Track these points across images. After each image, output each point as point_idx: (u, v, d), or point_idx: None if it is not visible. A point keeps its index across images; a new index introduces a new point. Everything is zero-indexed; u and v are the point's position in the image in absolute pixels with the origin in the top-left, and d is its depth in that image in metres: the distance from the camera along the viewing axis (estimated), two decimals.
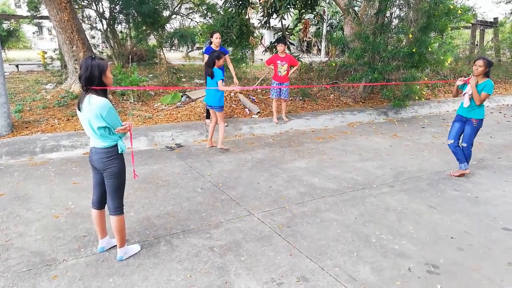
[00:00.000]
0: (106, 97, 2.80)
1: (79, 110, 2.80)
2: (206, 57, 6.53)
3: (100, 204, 3.11)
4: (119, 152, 2.92)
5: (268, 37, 23.80)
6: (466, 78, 4.94)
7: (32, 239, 3.38)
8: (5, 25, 15.66)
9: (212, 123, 6.27)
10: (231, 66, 7.31)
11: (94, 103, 2.72)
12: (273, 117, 7.76)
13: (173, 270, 2.99)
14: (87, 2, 13.28)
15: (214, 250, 3.28)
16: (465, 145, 5.03)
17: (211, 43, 6.98)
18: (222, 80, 5.78)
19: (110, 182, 2.95)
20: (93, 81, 2.73)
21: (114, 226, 3.03)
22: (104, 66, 2.77)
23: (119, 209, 3.02)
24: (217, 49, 6.83)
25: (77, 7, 12.48)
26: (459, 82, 4.99)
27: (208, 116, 7.23)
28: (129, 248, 3.18)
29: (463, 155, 5.04)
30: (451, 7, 8.21)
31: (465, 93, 4.94)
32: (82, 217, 3.80)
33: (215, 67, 5.81)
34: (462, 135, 5.08)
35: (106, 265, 3.03)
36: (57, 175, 4.93)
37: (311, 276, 2.95)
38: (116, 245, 3.14)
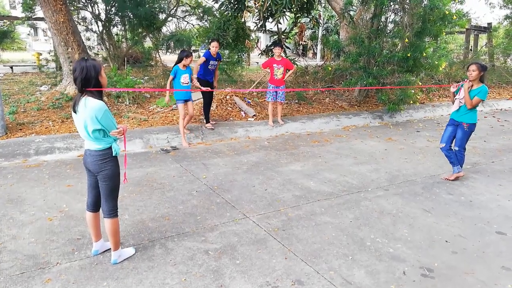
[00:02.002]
0: (102, 99, 2.79)
1: (75, 112, 2.79)
2: (203, 59, 6.97)
3: (94, 206, 3.09)
4: (114, 154, 2.91)
5: (264, 41, 23.86)
6: (458, 83, 5.02)
7: (25, 242, 3.35)
8: None
9: (187, 118, 6.66)
10: (217, 72, 7.45)
11: (90, 106, 2.71)
12: (269, 120, 7.77)
13: (168, 274, 2.97)
14: (82, 3, 13.26)
15: (209, 253, 3.27)
16: (457, 149, 5.07)
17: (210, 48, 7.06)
18: (188, 75, 6.42)
19: (104, 184, 2.94)
20: (90, 82, 2.72)
21: (108, 229, 3.01)
22: (99, 67, 2.77)
23: (113, 212, 3.01)
24: (214, 56, 7.06)
25: (72, 8, 12.45)
26: (452, 89, 5.05)
27: (208, 120, 7.33)
28: (124, 251, 3.16)
29: (456, 158, 5.08)
30: (446, 12, 8.29)
31: (456, 98, 4.99)
32: (76, 220, 3.78)
33: (182, 65, 6.31)
34: (454, 139, 5.13)
35: (100, 269, 3.01)
36: (51, 178, 4.90)
37: (306, 280, 2.94)
38: (110, 248, 3.12)
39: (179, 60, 6.33)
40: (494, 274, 3.09)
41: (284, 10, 8.79)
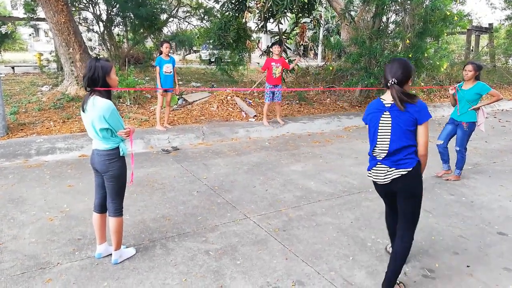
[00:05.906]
0: (110, 99, 2.82)
1: (83, 111, 2.82)
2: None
3: (101, 207, 3.09)
4: (121, 154, 2.92)
5: (265, 41, 23.87)
6: (455, 85, 5.15)
7: (26, 242, 3.36)
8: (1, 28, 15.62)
9: (163, 105, 7.17)
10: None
11: (98, 105, 2.74)
12: (263, 120, 7.75)
13: (169, 274, 2.97)
14: (84, 4, 13.28)
15: (209, 254, 3.27)
16: (458, 148, 5.08)
17: (161, 53, 7.05)
18: (171, 64, 7.00)
19: (111, 184, 2.95)
20: (97, 82, 2.76)
21: (112, 227, 3.01)
22: (108, 68, 2.80)
23: (118, 211, 3.02)
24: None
25: (74, 9, 12.46)
26: (451, 91, 5.11)
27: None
28: (124, 251, 3.16)
29: (449, 156, 5.18)
30: (448, 13, 8.28)
31: (480, 124, 5.06)
32: (77, 220, 3.77)
33: (165, 54, 6.94)
34: (453, 137, 5.17)
35: (101, 269, 3.01)
36: (52, 178, 4.91)
37: (306, 280, 2.94)
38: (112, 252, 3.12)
39: (160, 52, 7.08)
40: (495, 275, 3.08)
41: (285, 10, 8.78)
